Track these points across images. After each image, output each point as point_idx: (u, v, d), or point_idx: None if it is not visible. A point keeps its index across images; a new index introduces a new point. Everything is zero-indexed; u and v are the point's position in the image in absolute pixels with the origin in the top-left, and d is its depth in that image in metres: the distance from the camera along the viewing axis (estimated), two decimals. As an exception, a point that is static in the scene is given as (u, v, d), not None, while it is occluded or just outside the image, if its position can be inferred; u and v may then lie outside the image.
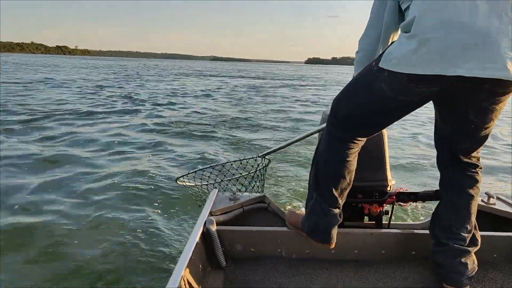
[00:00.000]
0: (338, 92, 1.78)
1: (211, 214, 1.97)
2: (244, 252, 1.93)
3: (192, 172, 2.84)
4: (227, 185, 2.87)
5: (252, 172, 2.84)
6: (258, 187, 2.88)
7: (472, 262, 1.68)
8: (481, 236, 1.76)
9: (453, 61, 1.38)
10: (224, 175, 2.81)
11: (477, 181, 1.72)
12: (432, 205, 1.94)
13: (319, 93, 23.45)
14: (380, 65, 1.54)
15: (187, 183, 2.85)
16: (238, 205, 2.13)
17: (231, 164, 2.82)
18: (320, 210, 1.79)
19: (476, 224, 1.73)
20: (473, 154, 1.69)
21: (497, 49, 1.36)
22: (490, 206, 2.20)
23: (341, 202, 1.80)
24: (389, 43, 1.78)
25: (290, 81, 36.76)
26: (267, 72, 64.61)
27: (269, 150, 2.73)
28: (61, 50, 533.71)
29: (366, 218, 2.17)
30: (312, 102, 17.94)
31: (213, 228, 1.83)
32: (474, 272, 1.68)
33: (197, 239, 1.68)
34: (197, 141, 8.32)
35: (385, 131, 2.07)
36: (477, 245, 1.72)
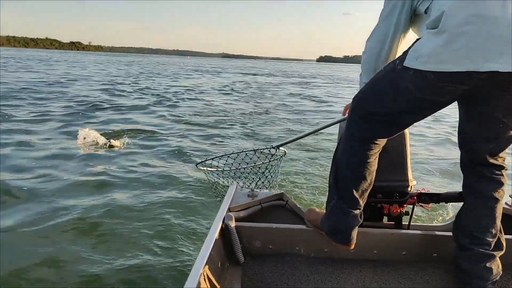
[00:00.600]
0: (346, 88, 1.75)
1: (229, 210, 1.96)
2: (263, 249, 1.92)
3: (210, 159, 2.97)
4: (242, 173, 2.95)
5: (266, 163, 2.89)
6: (272, 177, 2.95)
7: (496, 266, 1.64)
8: (506, 239, 1.72)
9: (487, 56, 1.33)
10: (239, 164, 2.89)
11: (502, 184, 1.67)
12: (455, 207, 1.90)
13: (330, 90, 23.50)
14: (405, 64, 1.50)
15: (205, 168, 3.00)
16: (256, 202, 2.12)
17: (246, 154, 2.88)
18: (340, 210, 1.76)
19: (501, 227, 1.69)
20: (499, 155, 1.65)
21: None
22: None
23: (361, 203, 1.77)
24: (395, 46, 1.76)
25: (301, 79, 36.83)
26: (278, 69, 64.58)
27: (284, 141, 2.73)
28: (75, 46, 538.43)
29: (385, 218, 2.14)
30: (322, 98, 17.97)
31: (232, 224, 1.83)
32: (498, 277, 1.64)
33: (216, 235, 1.67)
34: (215, 134, 8.53)
35: (406, 130, 2.04)
36: (502, 249, 1.68)
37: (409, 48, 1.55)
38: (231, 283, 1.68)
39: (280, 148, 2.84)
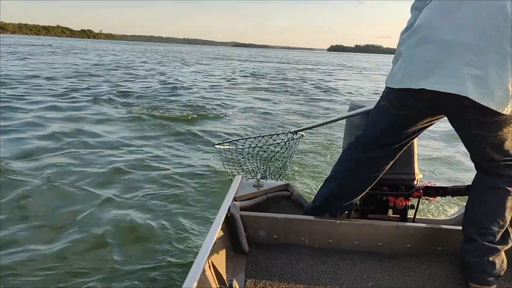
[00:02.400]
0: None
1: (235, 199, 1.98)
2: (267, 238, 1.94)
3: (228, 142, 3.15)
4: (257, 154, 3.13)
5: (282, 146, 3.02)
6: (287, 162, 3.10)
7: (500, 261, 1.65)
8: None
9: (420, 75, 1.51)
10: (256, 144, 3.03)
11: (510, 177, 1.67)
12: (462, 201, 1.90)
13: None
14: (385, 84, 1.73)
15: (223, 147, 3.17)
16: (261, 192, 2.14)
17: (262, 137, 2.97)
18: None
19: (511, 222, 1.68)
20: (502, 156, 1.64)
21: (458, 65, 1.43)
22: None
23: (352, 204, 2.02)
24: None
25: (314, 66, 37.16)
26: (289, 59, 64.51)
27: (302, 127, 2.79)
28: (86, 33, 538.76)
29: (390, 211, 2.15)
30: (333, 88, 18.12)
31: (237, 213, 1.84)
32: (502, 272, 1.64)
33: (221, 223, 1.69)
34: (234, 119, 8.84)
35: None
36: (507, 243, 1.68)
37: None
38: (235, 271, 1.70)
39: (298, 133, 2.89)
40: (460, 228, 1.78)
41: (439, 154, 6.60)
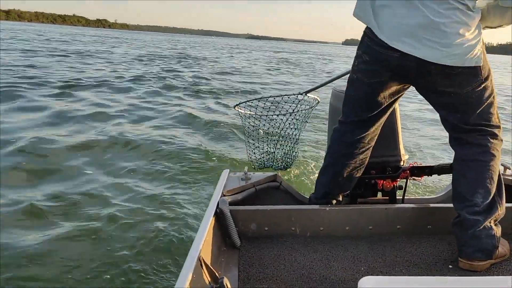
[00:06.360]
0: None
1: (223, 194, 1.97)
2: (258, 231, 1.94)
3: (243, 102, 3.10)
4: (271, 117, 3.11)
5: (294, 108, 2.96)
6: (301, 124, 3.07)
7: (488, 235, 1.61)
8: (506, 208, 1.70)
9: (394, 37, 1.58)
10: (269, 107, 3.00)
11: (486, 147, 1.67)
12: (448, 179, 1.90)
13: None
14: (353, 15, 1.75)
15: (241, 110, 3.15)
16: (250, 185, 2.13)
17: (274, 98, 2.93)
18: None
19: (497, 193, 1.67)
20: (477, 121, 1.66)
21: (435, 33, 1.51)
22: (507, 177, 2.11)
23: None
24: None
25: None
26: (304, 50, 64.54)
27: (310, 88, 2.72)
28: (101, 23, 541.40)
29: (379, 194, 2.15)
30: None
31: (226, 208, 1.83)
32: (492, 247, 1.61)
33: (211, 220, 1.67)
34: None
35: (397, 106, 2.04)
36: (491, 214, 1.64)
37: None
38: (228, 266, 1.68)
39: (308, 95, 2.87)
40: (448, 205, 1.79)
41: (423, 134, 6.69)
